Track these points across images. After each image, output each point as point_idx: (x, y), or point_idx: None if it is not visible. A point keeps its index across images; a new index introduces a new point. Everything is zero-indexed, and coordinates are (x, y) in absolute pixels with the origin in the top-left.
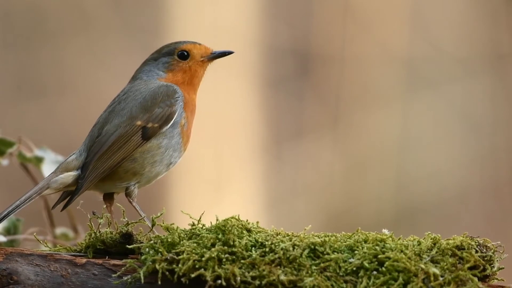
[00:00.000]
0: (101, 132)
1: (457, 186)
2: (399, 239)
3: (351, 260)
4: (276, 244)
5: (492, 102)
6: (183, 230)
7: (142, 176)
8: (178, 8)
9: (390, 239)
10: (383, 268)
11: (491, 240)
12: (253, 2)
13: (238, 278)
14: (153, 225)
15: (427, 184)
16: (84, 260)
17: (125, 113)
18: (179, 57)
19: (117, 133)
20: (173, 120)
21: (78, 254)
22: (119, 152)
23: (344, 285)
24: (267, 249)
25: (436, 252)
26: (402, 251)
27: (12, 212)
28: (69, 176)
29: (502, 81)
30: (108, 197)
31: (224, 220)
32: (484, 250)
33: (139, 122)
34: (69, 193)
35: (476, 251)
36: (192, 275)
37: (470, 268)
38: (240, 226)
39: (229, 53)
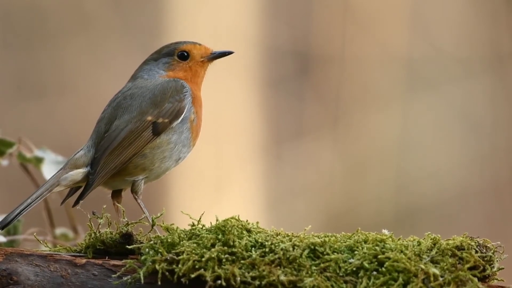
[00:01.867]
0: (108, 127)
1: (457, 186)
2: (399, 240)
3: (351, 260)
4: (276, 244)
5: (492, 102)
6: (183, 231)
7: (151, 171)
8: (178, 8)
9: (390, 239)
10: (383, 269)
11: (491, 241)
12: (253, 2)
13: (238, 279)
14: (153, 225)
15: (427, 184)
16: (84, 261)
17: (135, 109)
18: (179, 57)
19: (127, 129)
20: (182, 115)
21: (78, 254)
22: (130, 147)
23: (344, 285)
24: (267, 250)
25: (436, 253)
26: (402, 251)
27: (24, 211)
28: (79, 173)
29: (502, 81)
30: (116, 195)
31: (224, 221)
32: (484, 251)
33: (149, 118)
34: (76, 189)
35: (476, 252)
36: (192, 276)
37: (470, 269)
38: (240, 226)
39: (229, 53)
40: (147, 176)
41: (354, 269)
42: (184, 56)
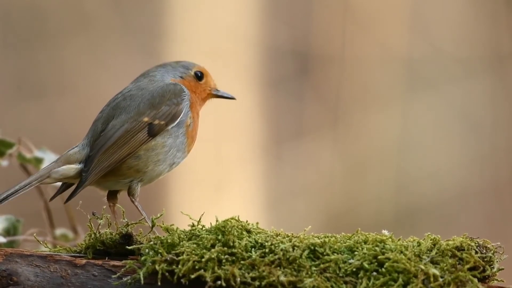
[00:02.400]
0: (105, 126)
1: (457, 186)
2: (398, 240)
3: (351, 261)
4: (276, 245)
5: (492, 102)
6: (182, 231)
7: (144, 174)
8: (178, 8)
9: (390, 240)
10: (383, 269)
11: (491, 241)
12: (253, 2)
13: (238, 279)
14: (153, 225)
15: (427, 184)
16: (84, 261)
17: (132, 109)
18: (194, 74)
19: (123, 128)
20: (179, 118)
21: (78, 255)
22: (125, 147)
23: (344, 286)
24: (267, 250)
25: (436, 253)
26: (402, 252)
27: (10, 196)
28: (71, 168)
29: (502, 81)
30: (112, 197)
31: (224, 221)
32: (484, 251)
33: (146, 119)
34: (68, 185)
35: (476, 252)
36: (192, 276)
37: (470, 269)
38: (240, 227)
39: (231, 98)
40: (141, 178)
41: (354, 269)
42: (198, 76)
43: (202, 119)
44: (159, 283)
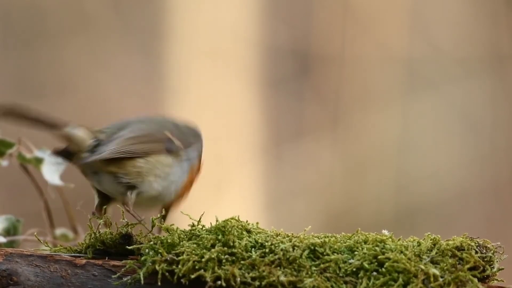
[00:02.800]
0: (125, 127)
1: (457, 187)
2: (399, 240)
3: (351, 261)
4: (276, 245)
5: (492, 102)
6: (183, 231)
7: (142, 182)
8: (178, 8)
9: (390, 240)
10: (383, 269)
11: (491, 241)
12: (253, 2)
13: (238, 279)
14: (152, 226)
15: (427, 184)
16: (84, 261)
17: (154, 124)
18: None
19: (148, 130)
20: (192, 148)
21: (78, 255)
22: (145, 145)
23: (344, 286)
24: (267, 250)
25: (436, 253)
26: (402, 252)
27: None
28: (89, 134)
29: (502, 81)
30: (99, 209)
31: (224, 221)
32: (484, 251)
33: (168, 133)
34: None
35: (476, 252)
36: (192, 276)
37: (470, 269)
38: (240, 227)
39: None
40: (136, 186)
41: (354, 269)
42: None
43: (202, 119)
44: (159, 283)
